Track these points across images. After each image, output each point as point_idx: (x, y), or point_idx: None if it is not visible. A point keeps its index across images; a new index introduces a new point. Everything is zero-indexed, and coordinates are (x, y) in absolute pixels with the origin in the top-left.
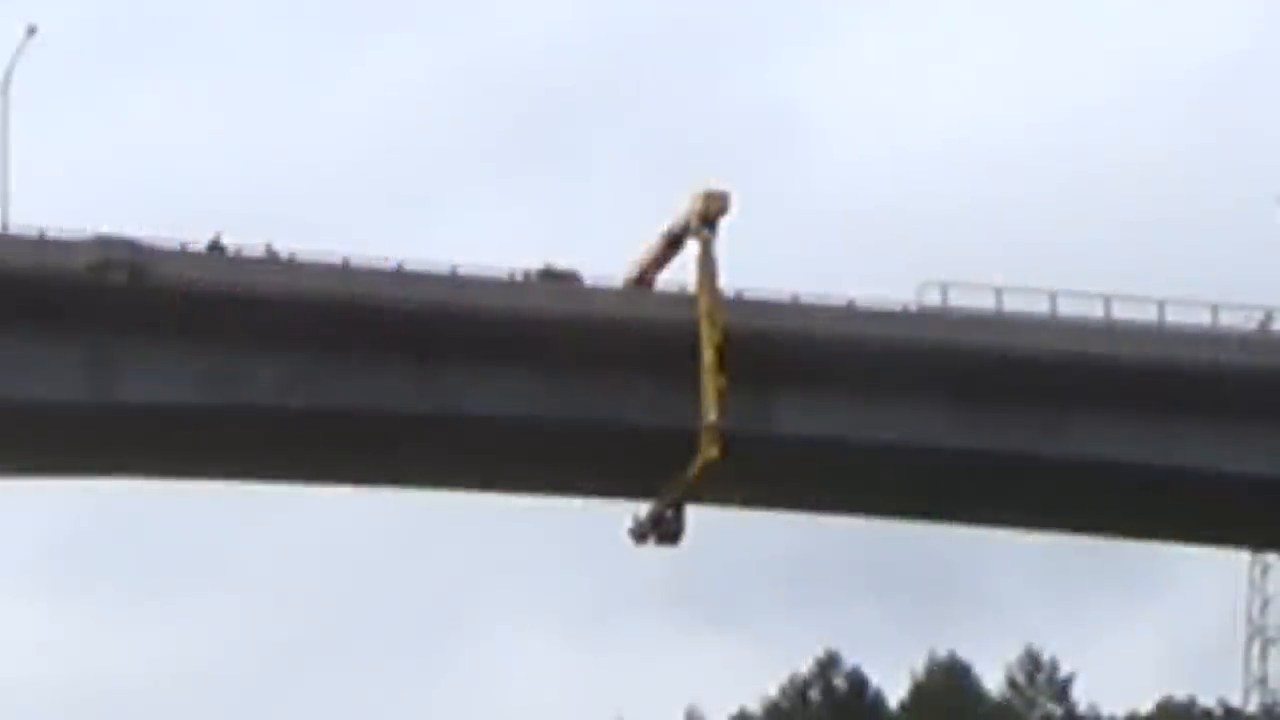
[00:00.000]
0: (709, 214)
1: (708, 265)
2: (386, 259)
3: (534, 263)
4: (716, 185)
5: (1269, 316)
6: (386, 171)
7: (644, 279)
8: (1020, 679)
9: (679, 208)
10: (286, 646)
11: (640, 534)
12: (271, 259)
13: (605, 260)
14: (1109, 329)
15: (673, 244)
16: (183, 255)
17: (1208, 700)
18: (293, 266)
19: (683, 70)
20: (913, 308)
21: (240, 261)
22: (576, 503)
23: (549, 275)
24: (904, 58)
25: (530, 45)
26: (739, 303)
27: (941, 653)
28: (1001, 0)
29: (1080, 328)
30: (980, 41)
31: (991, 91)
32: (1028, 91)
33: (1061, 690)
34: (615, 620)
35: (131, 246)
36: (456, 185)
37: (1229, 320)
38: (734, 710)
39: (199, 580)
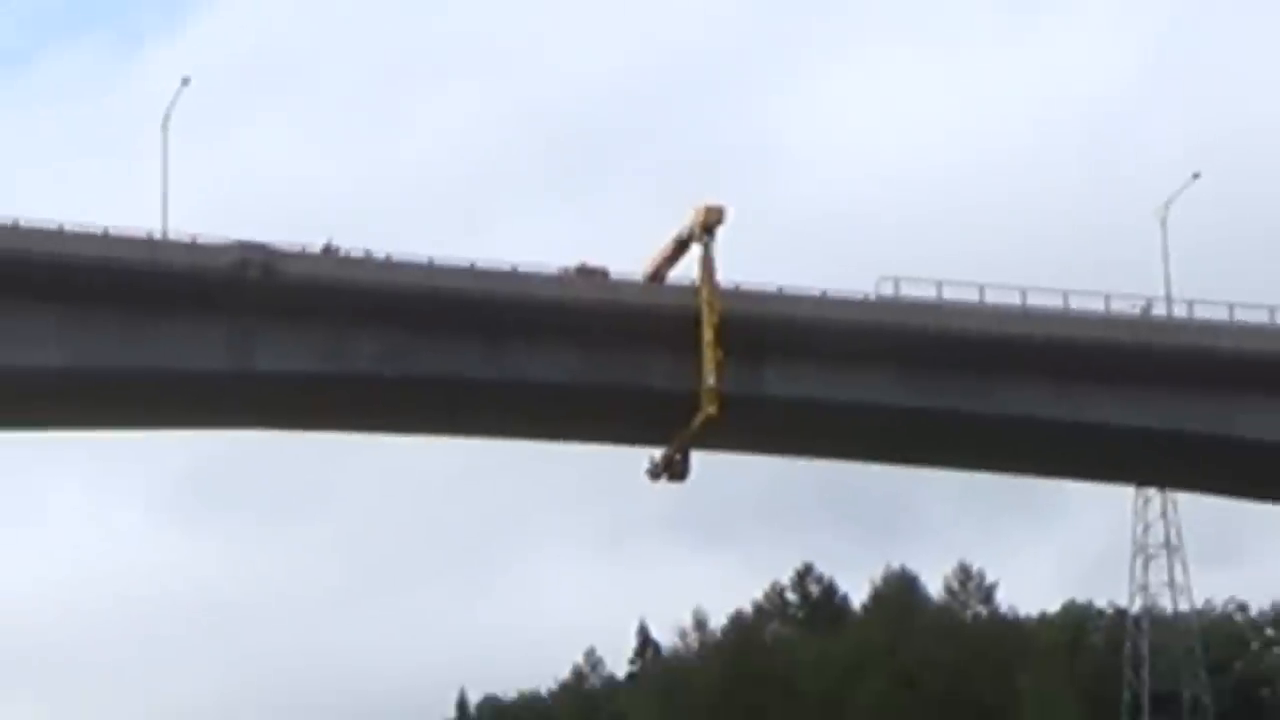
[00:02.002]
0: (709, 223)
1: (708, 264)
2: (461, 258)
3: (572, 261)
4: (715, 201)
5: (1149, 304)
6: (459, 189)
7: (658, 274)
8: (955, 586)
9: (685, 219)
10: (373, 562)
11: (655, 473)
12: (370, 258)
13: (628, 259)
14: (1025, 313)
15: (680, 247)
16: (303, 256)
17: (1101, 603)
18: (388, 264)
19: (688, 110)
20: (871, 297)
21: (347, 260)
22: (605, 448)
23: (584, 271)
24: (864, 100)
25: (568, 91)
26: (733, 293)
27: (894, 565)
28: (940, 52)
29: (1002, 312)
30: (923, 86)
31: (933, 125)
32: (962, 124)
33: (987, 595)
34: (635, 541)
35: (264, 249)
36: (512, 201)
37: (1119, 306)
38: (730, 611)
39: (307, 511)
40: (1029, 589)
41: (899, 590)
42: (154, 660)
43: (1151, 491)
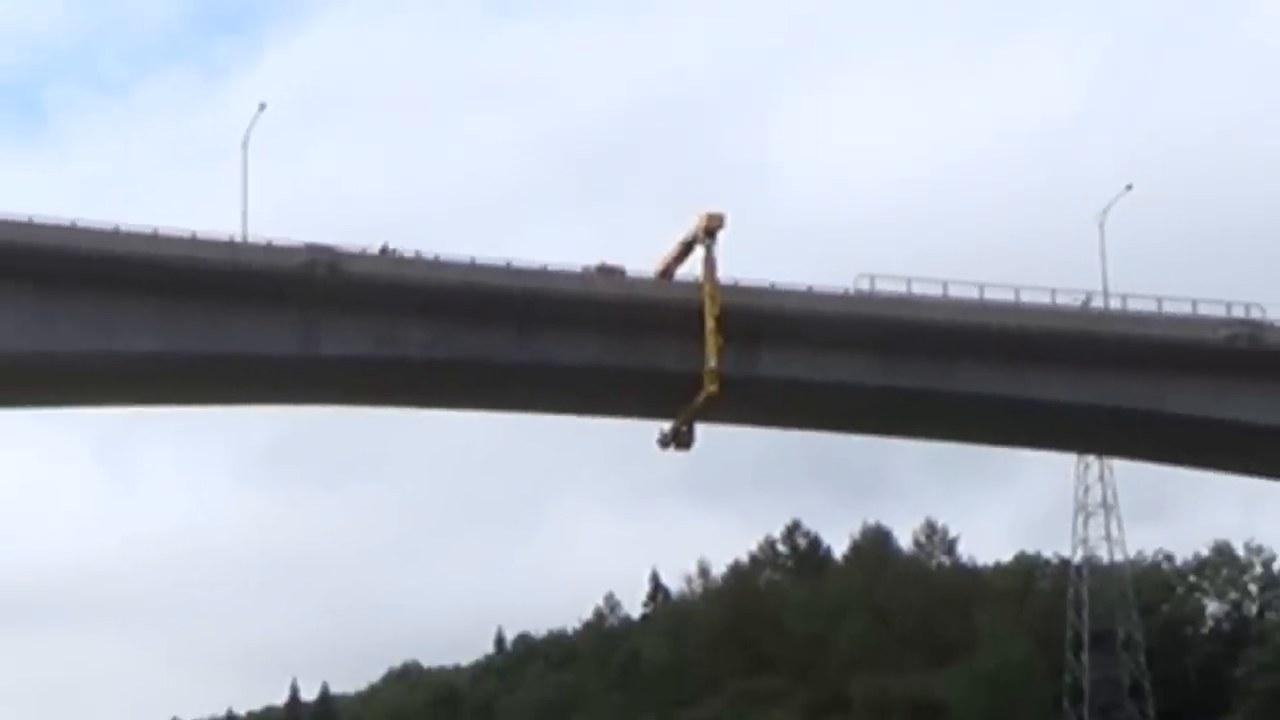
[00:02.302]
0: (711, 228)
1: (710, 263)
2: (497, 258)
3: (593, 261)
4: (716, 209)
5: (1089, 297)
6: (496, 199)
7: (667, 272)
8: (923, 540)
9: (690, 224)
10: (423, 518)
11: (664, 442)
12: (420, 258)
13: (641, 259)
14: (982, 305)
15: (686, 248)
16: (363, 256)
17: (1048, 553)
18: (434, 263)
19: (693, 131)
20: (851, 291)
21: (400, 260)
22: (621, 421)
23: (603, 269)
24: (845, 123)
25: (589, 115)
26: (731, 288)
27: (870, 522)
28: (911, 80)
29: (963, 304)
30: (897, 110)
31: (905, 144)
32: (930, 143)
33: (950, 547)
34: (647, 501)
35: (329, 250)
36: (541, 209)
37: (1063, 299)
38: (730, 561)
39: (366, 474)
40: (986, 542)
41: (874, 543)
42: (236, 601)
43: (1091, 458)
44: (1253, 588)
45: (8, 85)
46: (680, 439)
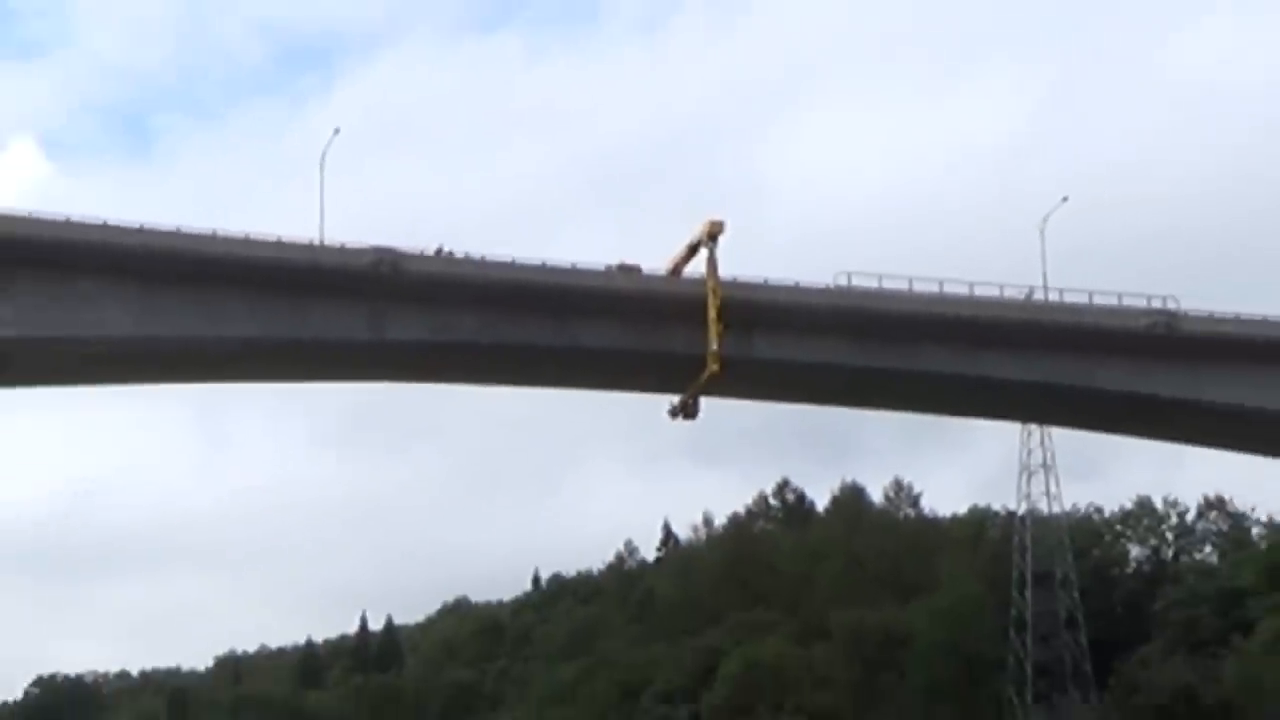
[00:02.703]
0: (713, 233)
1: (712, 262)
2: (535, 257)
3: (615, 260)
4: (717, 217)
5: (1031, 290)
6: (534, 208)
7: (676, 269)
8: (892, 495)
9: (696, 230)
10: (472, 476)
11: (674, 413)
12: (469, 258)
13: (655, 259)
14: (942, 297)
15: (692, 250)
16: (421, 256)
17: (997, 506)
18: (482, 262)
19: (698, 153)
20: (831, 286)
21: (453, 259)
22: (638, 395)
23: (624, 267)
24: (825, 146)
25: (612, 140)
26: (730, 283)
27: (848, 480)
28: (882, 110)
29: (925, 296)
30: (870, 135)
31: (876, 163)
32: (898, 162)
33: (915, 501)
34: (660, 463)
35: (393, 251)
36: (572, 217)
37: (1010, 292)
38: (729, 513)
39: (423, 439)
40: (945, 496)
41: (851, 498)
42: (313, 546)
43: (1033, 426)
44: (1169, 535)
45: (123, 113)
46: (687, 410)
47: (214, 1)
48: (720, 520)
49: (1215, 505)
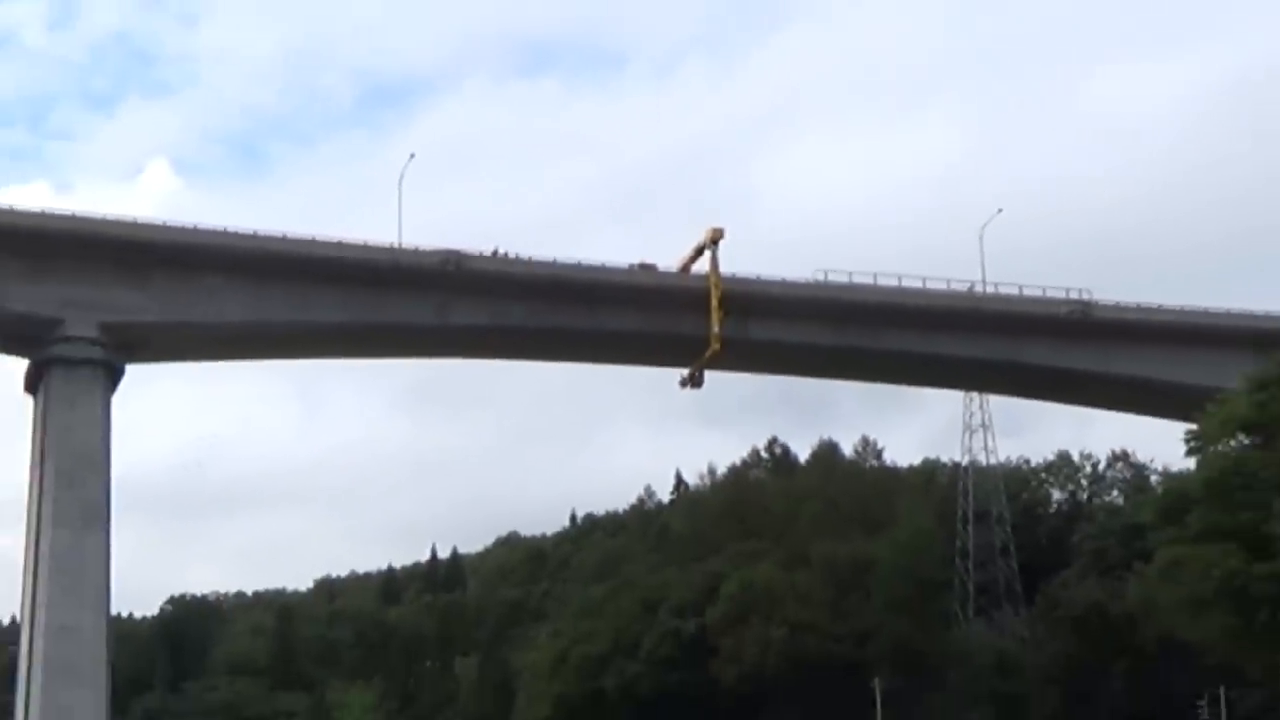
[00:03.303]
0: (715, 238)
1: (714, 261)
2: (571, 258)
3: (635, 260)
4: (718, 225)
5: (973, 285)
6: (569, 219)
7: (685, 267)
8: (860, 449)
9: (701, 235)
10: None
11: (684, 383)
12: (519, 258)
13: (667, 259)
14: (901, 290)
15: (698, 251)
16: (479, 257)
17: (945, 458)
18: (529, 262)
19: (702, 173)
20: (811, 280)
21: (505, 259)
22: (655, 369)
23: (643, 266)
24: (808, 167)
25: (632, 162)
26: (729, 278)
27: (825, 437)
28: (854, 137)
29: (887, 289)
30: (844, 157)
31: (850, 181)
32: (866, 181)
33: (879, 454)
34: (672, 423)
35: (456, 253)
36: (601, 225)
37: (956, 286)
38: (728, 463)
39: (479, 404)
40: (903, 450)
41: (827, 452)
42: (392, 489)
43: (974, 394)
44: (1084, 482)
45: (240, 141)
46: (694, 381)
47: (313, 51)
48: (721, 470)
49: (1121, 458)
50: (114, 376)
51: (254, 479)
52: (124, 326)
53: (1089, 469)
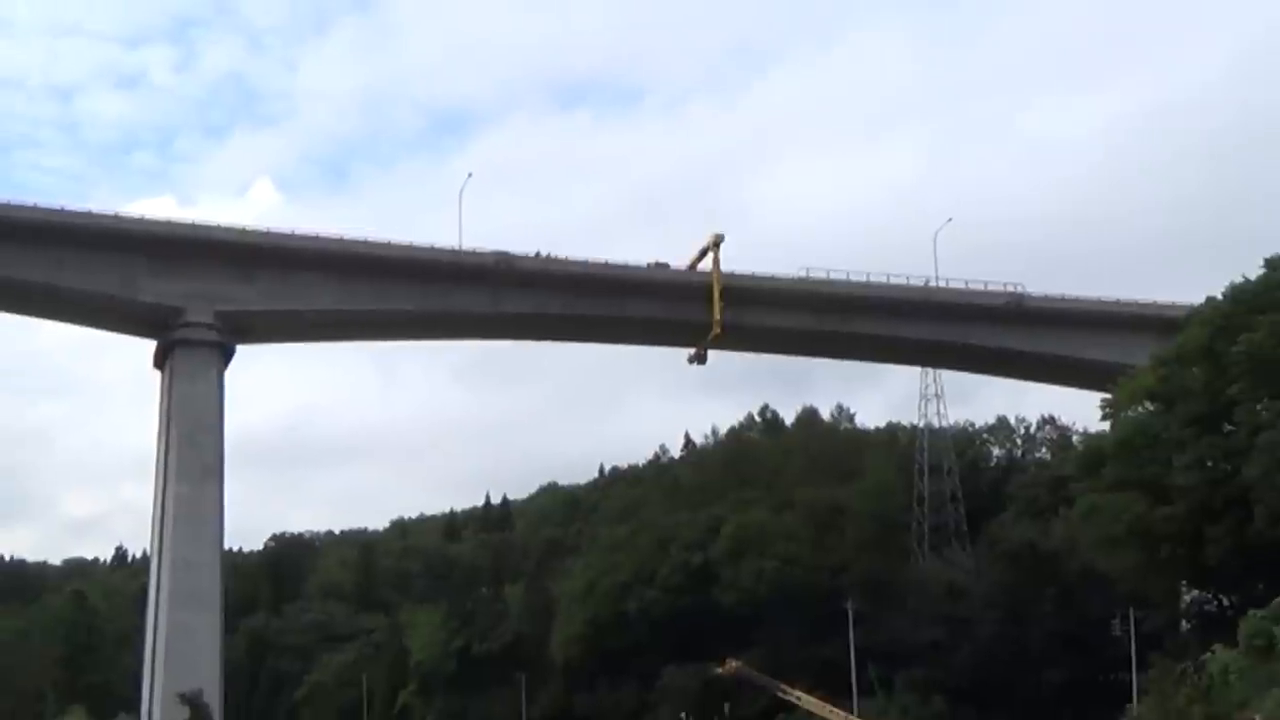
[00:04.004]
0: (716, 242)
1: (716, 261)
2: (600, 259)
3: (652, 259)
4: (718, 231)
5: (927, 280)
6: (599, 228)
7: (693, 266)
8: (835, 414)
9: (704, 240)
10: (560, 399)
11: (692, 360)
12: (558, 259)
13: (678, 259)
14: (867, 284)
15: (703, 253)
16: (525, 258)
17: (904, 421)
18: (566, 262)
19: (707, 188)
20: (795, 276)
21: (547, 260)
22: (668, 349)
23: (658, 264)
24: (792, 183)
25: (650, 181)
26: (729, 275)
27: (807, 404)
28: (828, 160)
29: (858, 284)
30: (817, 176)
31: (822, 196)
32: (836, 195)
33: (851, 418)
34: (682, 393)
35: (507, 254)
36: (625, 232)
37: (914, 281)
38: (728, 426)
39: (528, 377)
40: (871, 415)
41: (809, 416)
42: (454, 447)
43: (929, 369)
44: (1018, 441)
45: (328, 162)
46: (700, 358)
47: (388, 89)
48: (723, 431)
49: (1048, 421)
50: (226, 355)
51: (340, 438)
52: (235, 314)
53: (1022, 431)
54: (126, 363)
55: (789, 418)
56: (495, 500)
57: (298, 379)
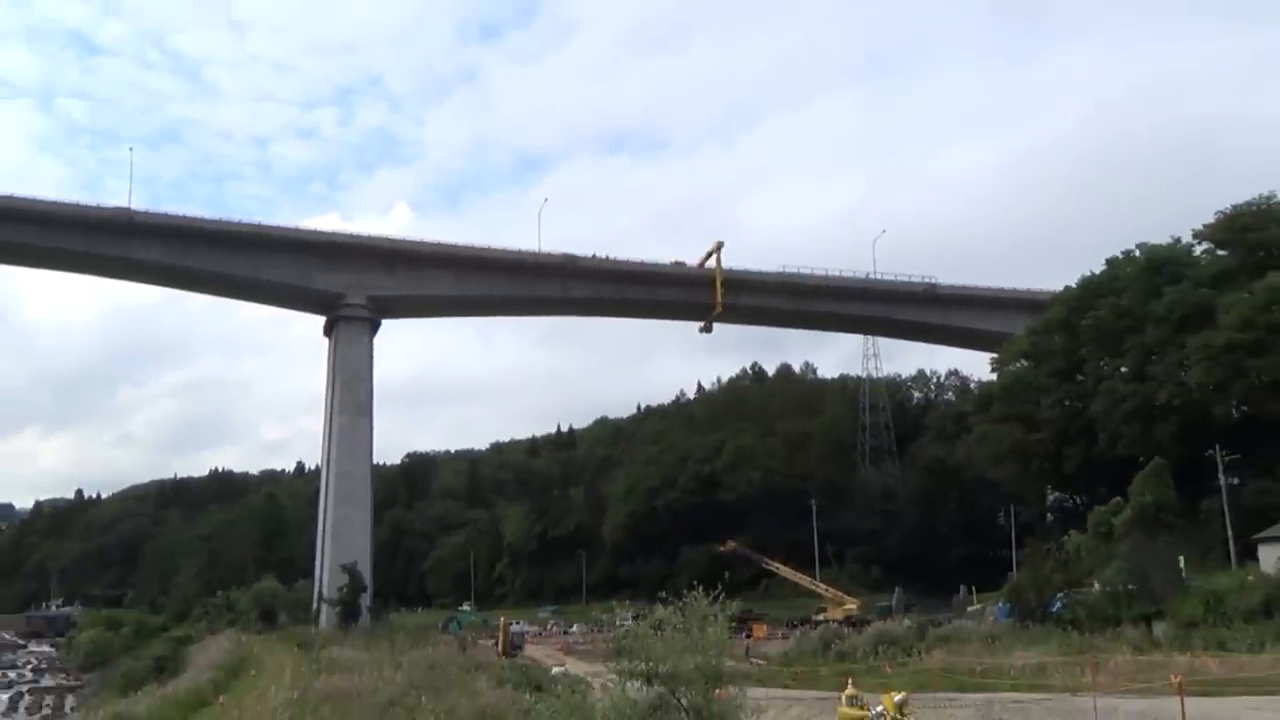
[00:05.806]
0: (718, 247)
1: (718, 260)
2: (635, 260)
3: (673, 259)
4: (720, 238)
5: (868, 274)
6: (636, 235)
7: (701, 264)
8: (803, 369)
9: (709, 245)
10: (601, 358)
11: (702, 330)
12: (609, 259)
13: (692, 258)
14: (827, 277)
15: (709, 255)
16: (586, 259)
17: (853, 374)
18: (614, 261)
19: (712, 206)
20: (777, 271)
21: (601, 260)
22: (683, 322)
23: (677, 264)
24: (775, 200)
25: (672, 204)
26: (727, 271)
27: (783, 361)
28: (809, 179)
29: (820, 276)
30: (794, 194)
31: (794, 214)
32: (806, 211)
33: (814, 371)
34: (695, 353)
35: (572, 256)
36: (653, 240)
37: (859, 274)
38: (728, 376)
39: (584, 343)
40: (829, 369)
41: (785, 370)
42: (534, 391)
43: (869, 337)
44: (933, 387)
45: (446, 189)
46: (708, 329)
47: (488, 137)
48: (724, 380)
49: (954, 374)
50: (374, 327)
51: (454, 385)
52: (381, 298)
53: (935, 380)
54: (304, 332)
55: (771, 371)
56: (564, 429)
57: (425, 344)
